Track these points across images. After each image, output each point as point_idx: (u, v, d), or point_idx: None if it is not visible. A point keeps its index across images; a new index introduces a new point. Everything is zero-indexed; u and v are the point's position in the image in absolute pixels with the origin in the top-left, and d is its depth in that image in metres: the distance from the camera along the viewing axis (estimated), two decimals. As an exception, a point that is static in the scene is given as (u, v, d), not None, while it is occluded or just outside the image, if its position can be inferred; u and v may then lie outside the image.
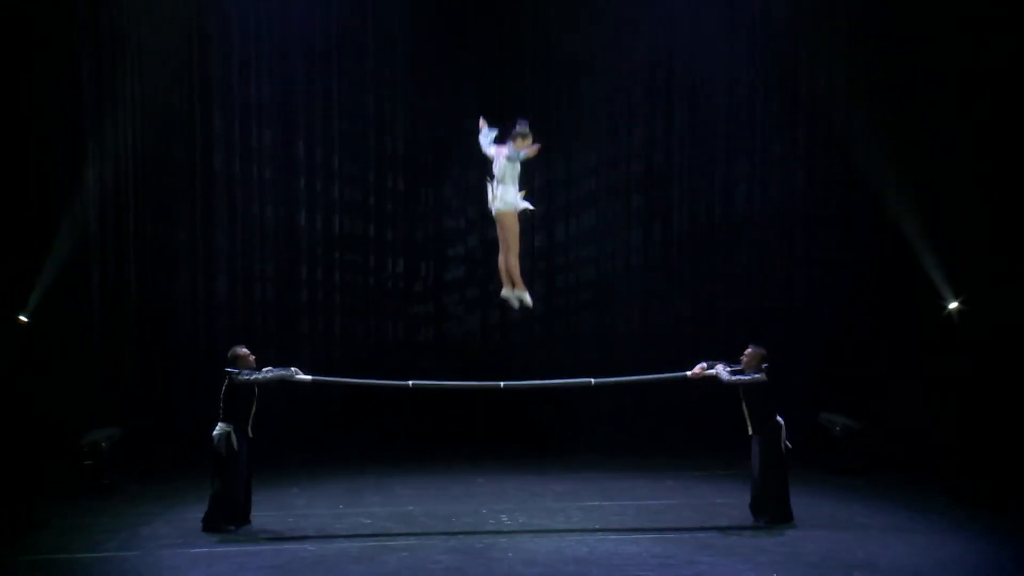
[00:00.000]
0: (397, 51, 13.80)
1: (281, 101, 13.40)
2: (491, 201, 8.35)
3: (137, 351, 12.39)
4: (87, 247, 12.05)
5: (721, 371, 8.89)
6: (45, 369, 11.51)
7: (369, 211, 13.85)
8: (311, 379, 8.96)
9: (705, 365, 9.03)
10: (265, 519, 8.89)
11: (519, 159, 8.12)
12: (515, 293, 8.57)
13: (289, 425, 12.52)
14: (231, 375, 8.57)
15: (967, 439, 10.95)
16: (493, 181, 8.25)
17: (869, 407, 11.73)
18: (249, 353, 8.77)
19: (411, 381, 9.29)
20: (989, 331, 11.32)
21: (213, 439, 8.53)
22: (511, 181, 8.25)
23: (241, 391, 8.58)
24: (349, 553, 7.80)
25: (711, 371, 8.96)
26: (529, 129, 8.13)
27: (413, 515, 9.27)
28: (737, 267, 13.63)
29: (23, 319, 11.24)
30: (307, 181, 13.52)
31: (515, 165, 8.19)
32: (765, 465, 8.72)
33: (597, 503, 9.80)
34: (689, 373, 9.11)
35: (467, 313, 14.09)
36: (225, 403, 8.59)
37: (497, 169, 8.26)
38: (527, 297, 8.61)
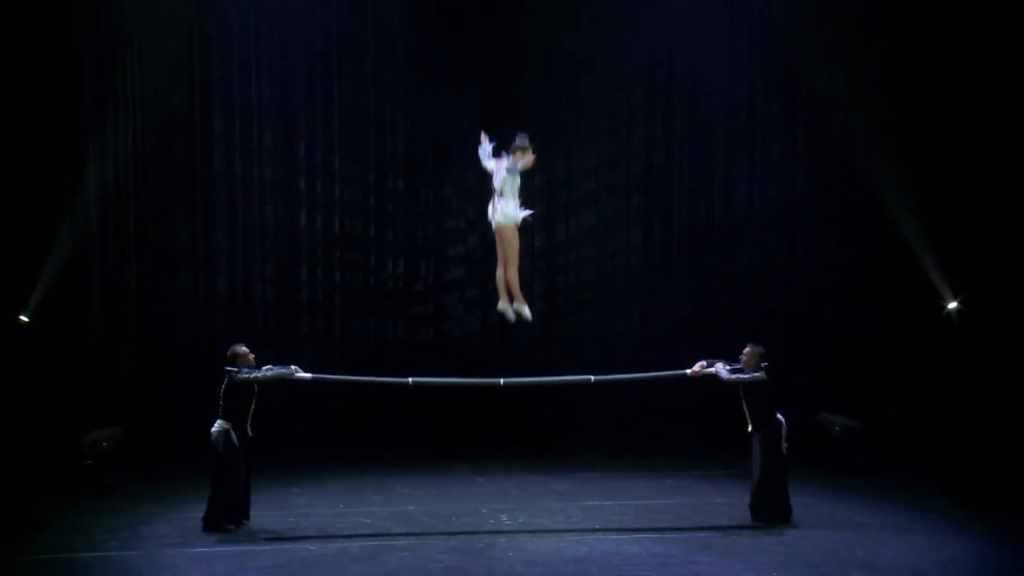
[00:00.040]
0: (397, 51, 13.78)
1: (281, 101, 13.39)
2: (491, 214, 8.40)
3: (137, 351, 12.40)
4: (88, 247, 12.04)
5: (721, 369, 8.91)
6: (45, 369, 11.50)
7: (369, 211, 13.83)
8: (311, 377, 8.98)
9: (705, 363, 9.06)
10: (265, 519, 8.90)
11: (517, 171, 8.22)
12: (514, 307, 8.59)
13: (289, 424, 12.55)
14: (231, 373, 8.59)
15: (967, 439, 10.94)
16: (494, 195, 8.32)
17: (869, 407, 11.74)
18: (249, 351, 8.80)
19: (411, 379, 9.30)
20: (989, 331, 11.31)
21: (211, 436, 8.54)
22: (511, 194, 8.30)
23: (241, 389, 8.61)
24: (349, 553, 7.80)
25: (711, 369, 8.99)
26: (529, 142, 8.19)
27: (413, 515, 9.28)
28: (737, 267, 13.63)
29: (24, 319, 11.23)
30: (307, 181, 13.51)
31: (515, 178, 8.26)
32: (765, 463, 8.73)
33: (597, 503, 9.81)
34: (689, 371, 9.14)
35: (467, 313, 14.07)
36: (224, 401, 8.61)
37: (497, 182, 8.31)
38: (526, 311, 8.62)
